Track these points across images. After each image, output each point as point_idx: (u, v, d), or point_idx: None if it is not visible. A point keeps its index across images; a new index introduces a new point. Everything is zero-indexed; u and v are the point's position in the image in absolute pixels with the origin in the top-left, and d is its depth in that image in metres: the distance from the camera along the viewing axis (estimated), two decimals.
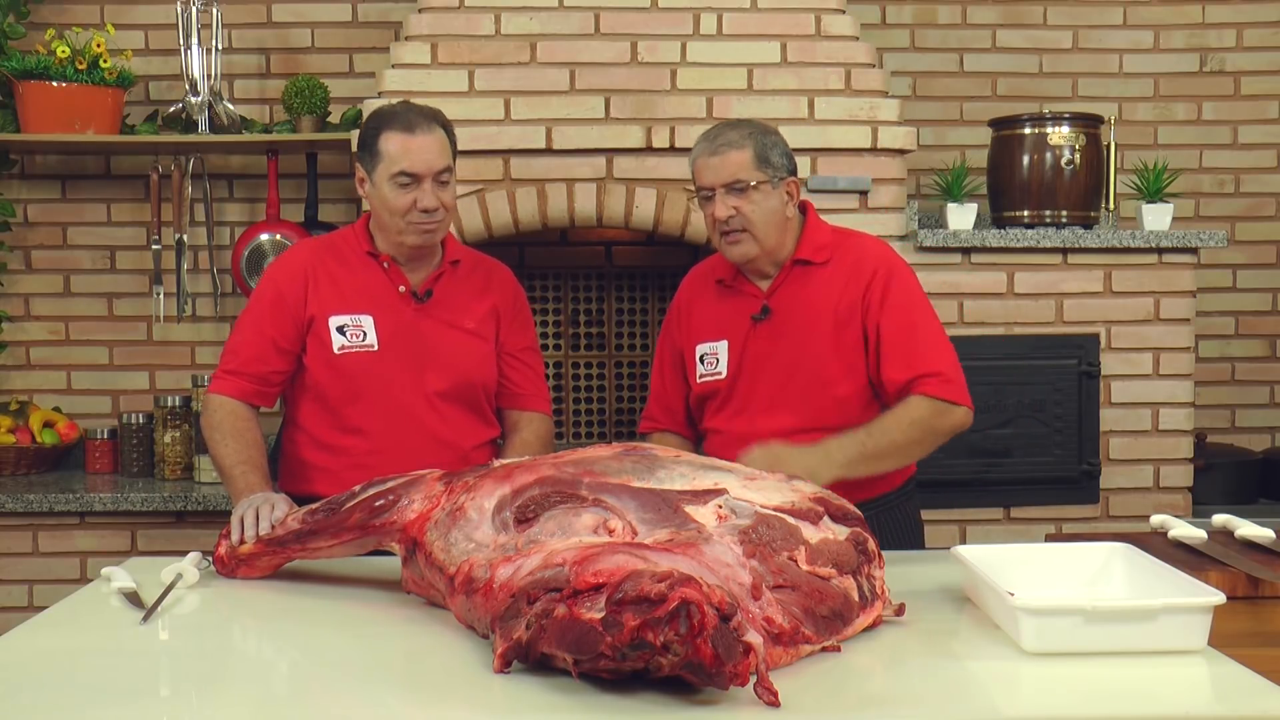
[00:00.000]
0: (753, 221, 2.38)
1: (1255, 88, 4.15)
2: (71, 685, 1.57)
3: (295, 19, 3.89)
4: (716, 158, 2.39)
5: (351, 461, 2.42)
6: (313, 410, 2.49)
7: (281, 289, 2.48)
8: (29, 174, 3.86)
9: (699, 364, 2.53)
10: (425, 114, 2.46)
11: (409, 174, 2.40)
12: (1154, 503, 3.53)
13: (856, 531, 1.76)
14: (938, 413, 2.36)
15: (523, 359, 2.62)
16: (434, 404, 2.48)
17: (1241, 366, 4.19)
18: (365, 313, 2.46)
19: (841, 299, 2.44)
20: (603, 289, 3.91)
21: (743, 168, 2.37)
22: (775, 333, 2.46)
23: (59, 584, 3.33)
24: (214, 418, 2.45)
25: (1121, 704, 1.47)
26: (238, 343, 2.50)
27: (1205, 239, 3.53)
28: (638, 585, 1.39)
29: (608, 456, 1.85)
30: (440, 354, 2.48)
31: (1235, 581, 1.88)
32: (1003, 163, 3.63)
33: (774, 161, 2.40)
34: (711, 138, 2.43)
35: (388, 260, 2.49)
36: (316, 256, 2.54)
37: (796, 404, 2.43)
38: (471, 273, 2.58)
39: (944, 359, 2.41)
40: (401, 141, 2.40)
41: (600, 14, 3.41)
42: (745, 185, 2.37)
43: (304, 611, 1.91)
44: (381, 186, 2.42)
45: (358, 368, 2.45)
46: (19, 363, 3.88)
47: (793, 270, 2.47)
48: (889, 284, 2.43)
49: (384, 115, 2.48)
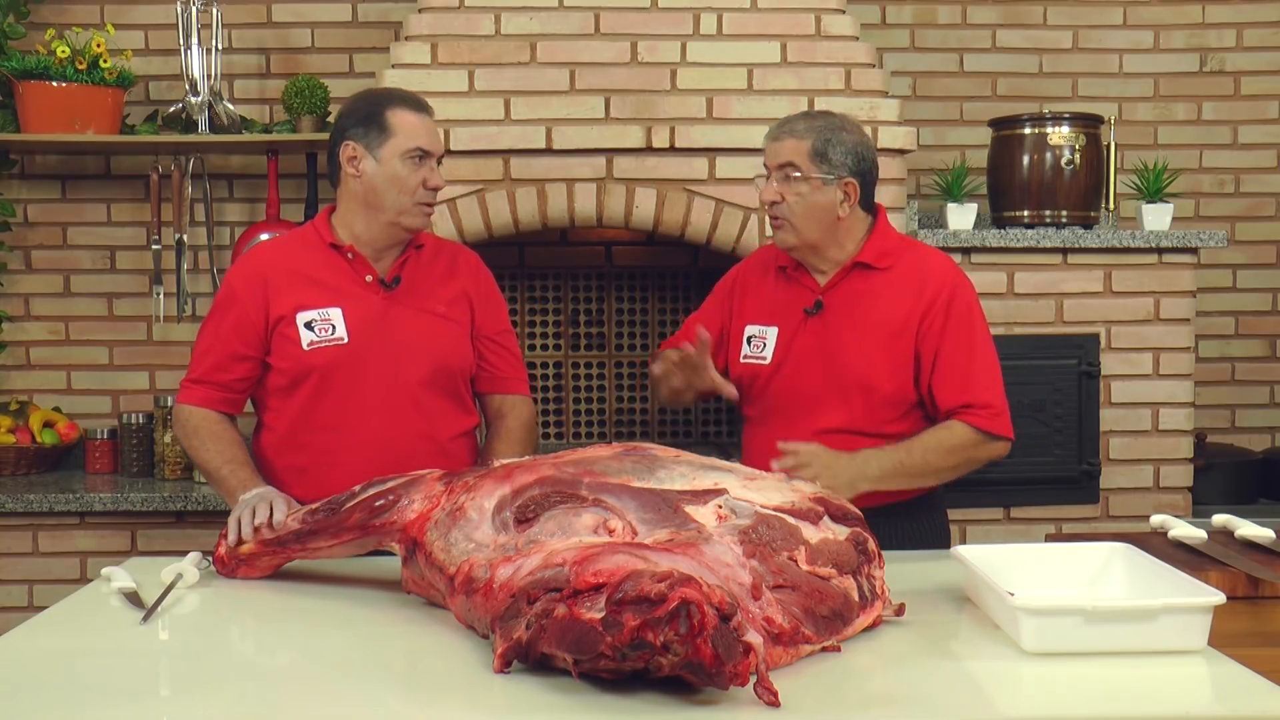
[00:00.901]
0: (793, 211, 2.39)
1: (1255, 88, 4.15)
2: (71, 685, 1.57)
3: (295, 19, 3.89)
4: (777, 142, 2.42)
5: (328, 460, 2.37)
6: (284, 410, 2.44)
7: (238, 295, 2.43)
8: (29, 174, 3.86)
9: (745, 345, 2.52)
10: (422, 99, 2.47)
11: (425, 150, 2.39)
12: (1154, 503, 3.53)
13: (856, 531, 1.76)
14: (979, 443, 2.38)
15: (500, 341, 2.59)
16: (411, 394, 2.43)
17: (1241, 366, 4.19)
18: (333, 305, 2.41)
19: (899, 309, 2.42)
20: (603, 289, 3.91)
21: (796, 155, 2.38)
22: (825, 329, 2.45)
23: (59, 584, 3.33)
24: (188, 425, 2.42)
25: (1121, 704, 1.47)
26: (200, 352, 2.46)
27: (1205, 239, 3.53)
28: (638, 585, 1.39)
29: (608, 456, 1.85)
30: (413, 340, 2.44)
31: (1235, 581, 1.88)
32: (1003, 163, 3.63)
33: (833, 159, 2.39)
34: (784, 121, 2.46)
35: (352, 250, 2.44)
36: (274, 256, 2.51)
37: (836, 404, 2.43)
38: (436, 256, 2.54)
39: (994, 390, 2.42)
40: (414, 118, 2.40)
41: (600, 14, 3.41)
42: (793, 174, 2.38)
43: (304, 611, 1.91)
44: (391, 163, 2.39)
45: (329, 362, 2.39)
46: (19, 363, 3.88)
47: (853, 271, 2.45)
48: (950, 307, 2.42)
49: (384, 93, 2.47)
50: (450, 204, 3.38)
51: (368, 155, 2.41)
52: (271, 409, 2.47)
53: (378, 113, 2.41)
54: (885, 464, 2.32)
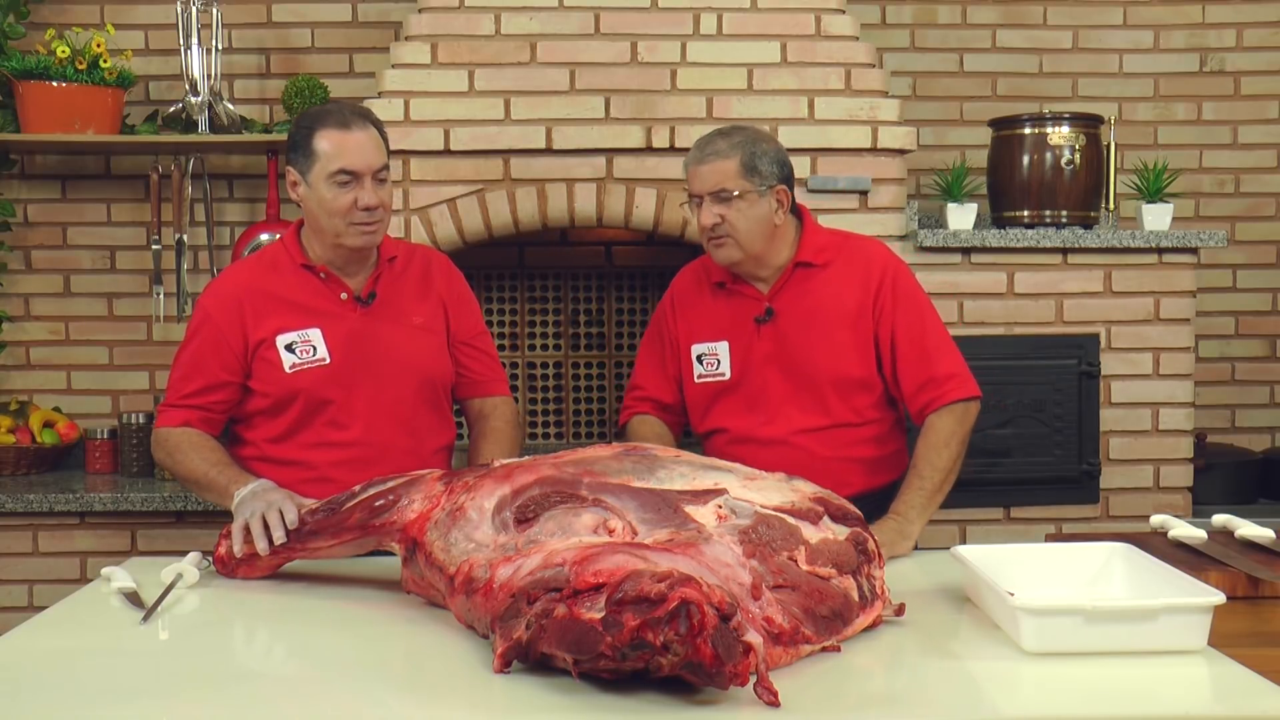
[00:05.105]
0: (737, 229, 2.43)
1: (1255, 88, 4.14)
2: (71, 685, 1.57)
3: (295, 19, 3.89)
4: (704, 166, 2.44)
5: (311, 476, 2.36)
6: (265, 430, 2.43)
7: (215, 320, 2.41)
8: (29, 174, 3.86)
9: (696, 364, 2.55)
10: (358, 112, 2.40)
11: (348, 171, 2.33)
12: (1154, 503, 3.53)
13: (856, 531, 1.77)
14: (962, 417, 2.46)
15: (477, 345, 2.59)
16: (394, 409, 2.43)
17: (1241, 366, 4.19)
18: (312, 326, 2.40)
19: (849, 297, 2.49)
20: (603, 289, 3.91)
21: (728, 177, 2.41)
22: (781, 333, 2.50)
23: (59, 584, 3.33)
24: (167, 444, 2.40)
25: (1121, 704, 1.47)
26: (177, 377, 2.44)
27: (1205, 239, 3.53)
28: (638, 585, 1.39)
29: (608, 456, 1.85)
30: (394, 355, 2.44)
31: (1235, 581, 1.88)
32: (1003, 163, 3.63)
33: (762, 170, 2.43)
34: (702, 145, 2.47)
35: (324, 270, 2.43)
36: (249, 278, 2.47)
37: (810, 401, 2.49)
38: (408, 266, 2.53)
39: (953, 356, 2.51)
40: (339, 139, 2.34)
41: (600, 14, 3.41)
42: (730, 195, 2.41)
43: (304, 611, 1.91)
44: (319, 187, 2.35)
45: (312, 384, 2.38)
46: (19, 363, 3.88)
47: (795, 273, 2.51)
48: (896, 287, 2.50)
49: (316, 115, 2.41)
50: (450, 204, 3.38)
51: (302, 180, 2.39)
52: (252, 429, 2.45)
53: (305, 136, 2.37)
54: (913, 503, 2.35)
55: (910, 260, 3.38)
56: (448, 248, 3.36)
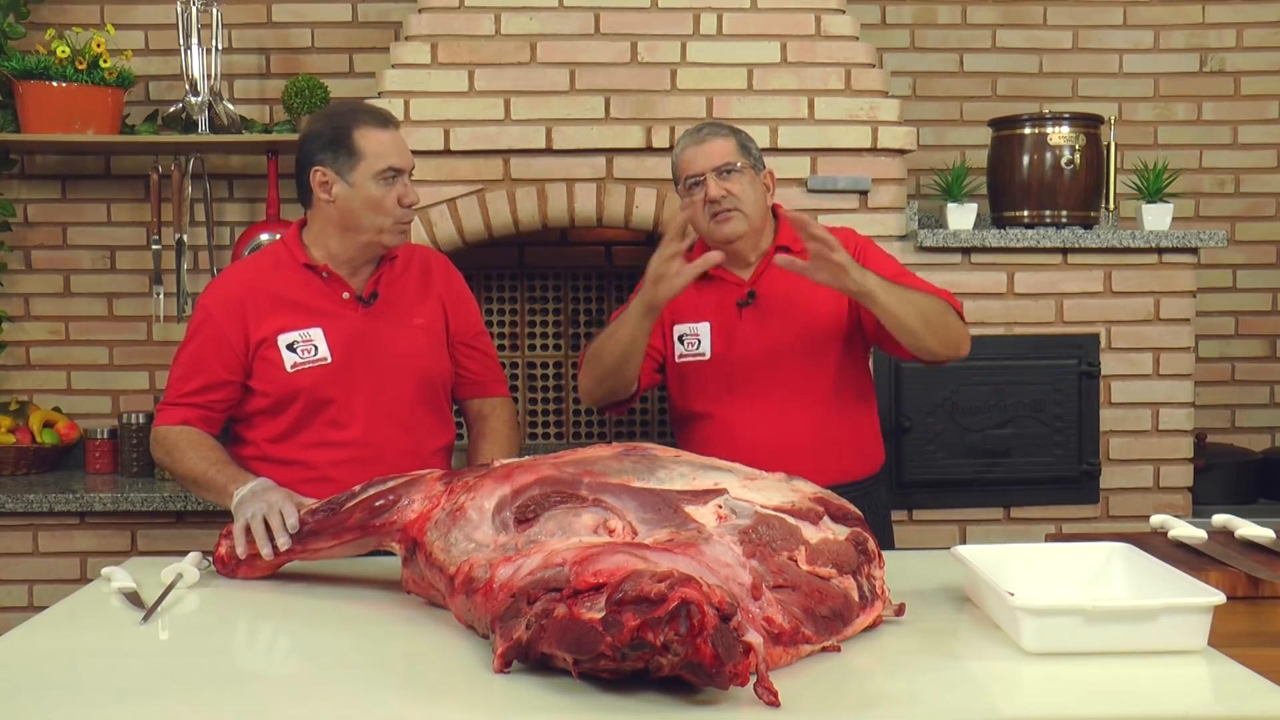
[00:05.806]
0: (743, 200, 2.49)
1: (1255, 88, 4.15)
2: (71, 685, 1.57)
3: (295, 19, 3.89)
4: (704, 145, 2.51)
5: (311, 476, 2.36)
6: (266, 429, 2.43)
7: (216, 319, 2.41)
8: (29, 174, 3.86)
9: (678, 344, 2.60)
10: (386, 112, 2.46)
11: (395, 169, 2.38)
12: (1154, 503, 3.53)
13: (856, 531, 1.76)
14: (950, 312, 2.46)
15: (476, 345, 2.60)
16: (395, 409, 2.44)
17: (1241, 366, 4.19)
18: (313, 326, 2.40)
19: None
20: (603, 289, 3.91)
21: (730, 152, 2.51)
22: (763, 316, 2.54)
23: (59, 584, 3.34)
24: (166, 443, 2.40)
25: (1121, 704, 1.47)
26: (177, 376, 2.44)
27: (1205, 239, 3.53)
28: (638, 585, 1.39)
29: (608, 456, 1.85)
30: (395, 355, 2.44)
31: (1235, 581, 1.88)
32: (1003, 163, 3.63)
33: (753, 153, 2.56)
34: (694, 131, 2.57)
35: (326, 269, 2.44)
36: (248, 278, 2.47)
37: (794, 382, 2.52)
38: (409, 266, 2.54)
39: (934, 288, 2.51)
40: (382, 137, 2.38)
41: (600, 14, 3.41)
42: (734, 167, 2.49)
43: (304, 611, 1.91)
44: (365, 185, 2.37)
45: (313, 383, 2.39)
46: (19, 363, 3.88)
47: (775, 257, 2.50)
48: (867, 251, 2.54)
49: (346, 114, 2.43)
50: (450, 204, 3.38)
51: (339, 179, 2.39)
52: (252, 428, 2.46)
53: (344, 135, 2.38)
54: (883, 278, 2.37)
55: (910, 260, 3.39)
56: (448, 248, 3.36)
